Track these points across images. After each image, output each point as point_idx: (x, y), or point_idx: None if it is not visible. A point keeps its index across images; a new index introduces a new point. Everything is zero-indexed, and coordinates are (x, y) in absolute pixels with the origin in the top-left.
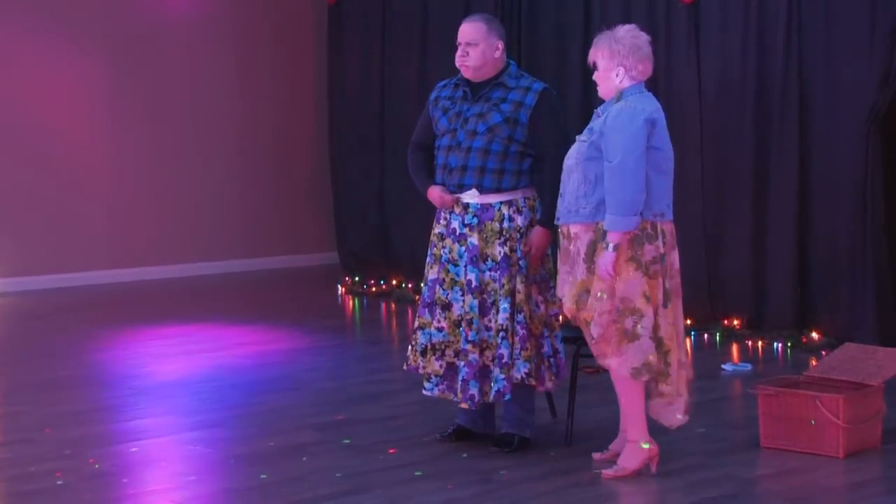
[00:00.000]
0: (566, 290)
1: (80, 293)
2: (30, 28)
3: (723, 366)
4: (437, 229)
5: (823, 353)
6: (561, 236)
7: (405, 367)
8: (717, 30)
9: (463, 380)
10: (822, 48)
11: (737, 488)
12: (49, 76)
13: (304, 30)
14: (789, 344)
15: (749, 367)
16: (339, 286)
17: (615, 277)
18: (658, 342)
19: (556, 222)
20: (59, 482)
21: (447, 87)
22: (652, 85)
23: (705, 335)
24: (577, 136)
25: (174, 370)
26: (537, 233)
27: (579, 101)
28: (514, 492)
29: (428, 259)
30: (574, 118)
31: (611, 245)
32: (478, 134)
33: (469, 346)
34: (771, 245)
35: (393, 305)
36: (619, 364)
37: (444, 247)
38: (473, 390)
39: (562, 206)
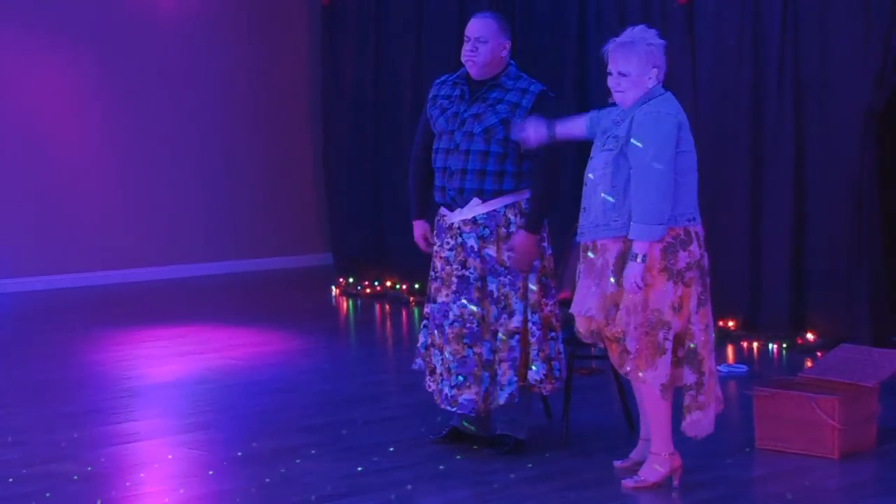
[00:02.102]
0: (592, 303)
1: (72, 294)
2: (19, 27)
3: (718, 367)
4: (442, 252)
5: (819, 354)
6: (582, 251)
7: (414, 366)
8: (712, 30)
9: (486, 388)
10: (818, 48)
11: (732, 490)
12: (38, 76)
13: (298, 30)
14: (784, 345)
15: (744, 368)
16: (333, 287)
17: (645, 289)
18: (690, 353)
19: (580, 239)
20: (52, 484)
21: (445, 84)
22: None
23: None
24: (599, 147)
25: (168, 372)
26: (520, 237)
27: (573, 101)
28: (509, 494)
29: (434, 283)
30: (568, 118)
31: (639, 256)
32: (474, 136)
33: (493, 356)
34: (766, 246)
35: (387, 307)
36: (654, 379)
37: (467, 268)
38: (495, 394)
39: (586, 221)
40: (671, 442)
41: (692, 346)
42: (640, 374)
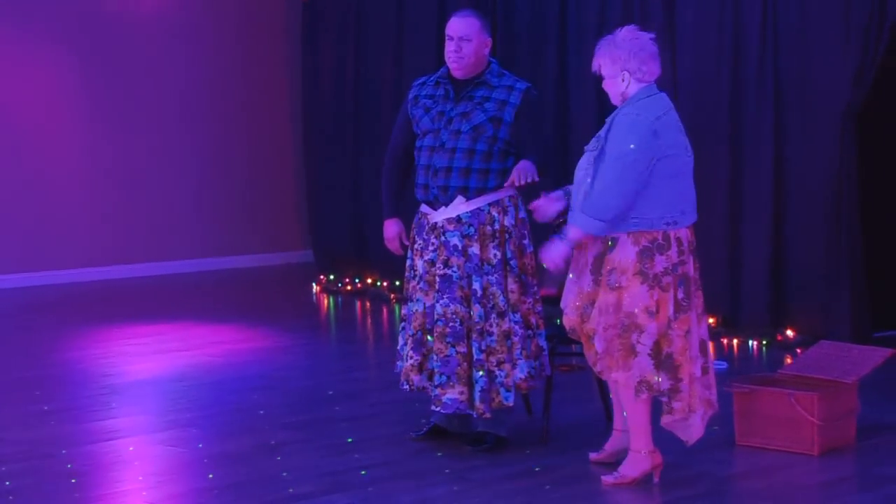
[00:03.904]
0: (570, 300)
1: (52, 291)
2: (1, 25)
3: None
4: (426, 254)
5: (798, 350)
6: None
7: (406, 388)
8: (692, 27)
9: (483, 389)
10: (797, 46)
11: (711, 486)
12: (20, 74)
13: (278, 27)
14: (764, 342)
15: (724, 365)
16: (313, 284)
17: (620, 291)
18: (667, 358)
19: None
20: (30, 482)
21: (426, 84)
22: None
23: None
24: (585, 147)
25: (147, 369)
26: (522, 162)
27: (554, 100)
28: (489, 491)
29: (411, 282)
30: (549, 117)
31: (567, 238)
32: (462, 133)
33: (484, 356)
34: (746, 243)
35: (368, 304)
36: (626, 379)
37: (450, 266)
38: (494, 396)
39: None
40: (651, 440)
41: (669, 351)
42: (612, 375)
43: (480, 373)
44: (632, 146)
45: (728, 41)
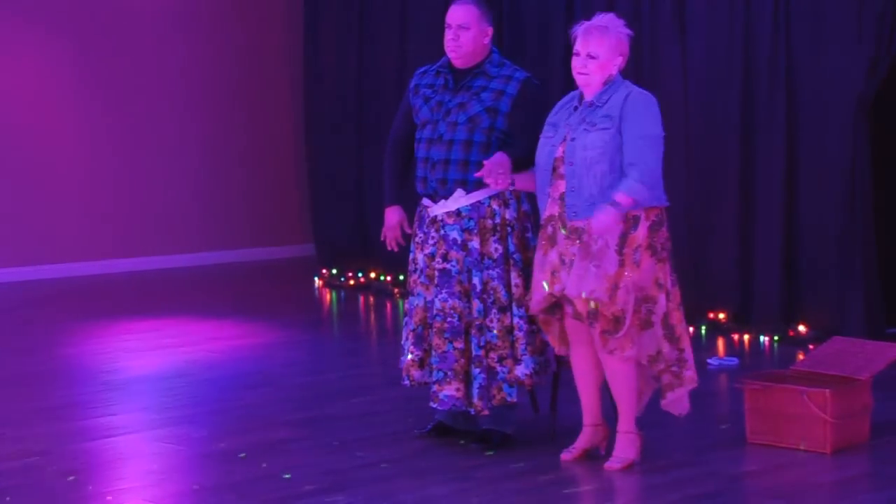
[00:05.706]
0: (597, 285)
1: (49, 286)
2: None
3: (708, 360)
4: (426, 248)
5: (811, 346)
6: (568, 231)
7: (407, 383)
8: (703, 16)
9: (481, 386)
10: (810, 35)
11: (722, 484)
12: (16, 67)
13: (279, 17)
14: (776, 338)
15: (735, 361)
16: (316, 279)
17: (633, 267)
18: (670, 329)
19: (570, 218)
20: (29, 480)
21: (427, 74)
22: (637, 70)
23: (691, 329)
24: (582, 128)
25: (146, 365)
26: (497, 154)
27: (561, 86)
28: (495, 489)
29: (418, 277)
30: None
31: (621, 206)
32: (458, 125)
33: (482, 352)
34: (758, 237)
35: (371, 298)
36: (637, 354)
37: (449, 261)
38: (496, 392)
39: (578, 200)
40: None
41: (672, 323)
42: (625, 353)
43: (478, 369)
44: (660, 128)
45: (739, 30)
